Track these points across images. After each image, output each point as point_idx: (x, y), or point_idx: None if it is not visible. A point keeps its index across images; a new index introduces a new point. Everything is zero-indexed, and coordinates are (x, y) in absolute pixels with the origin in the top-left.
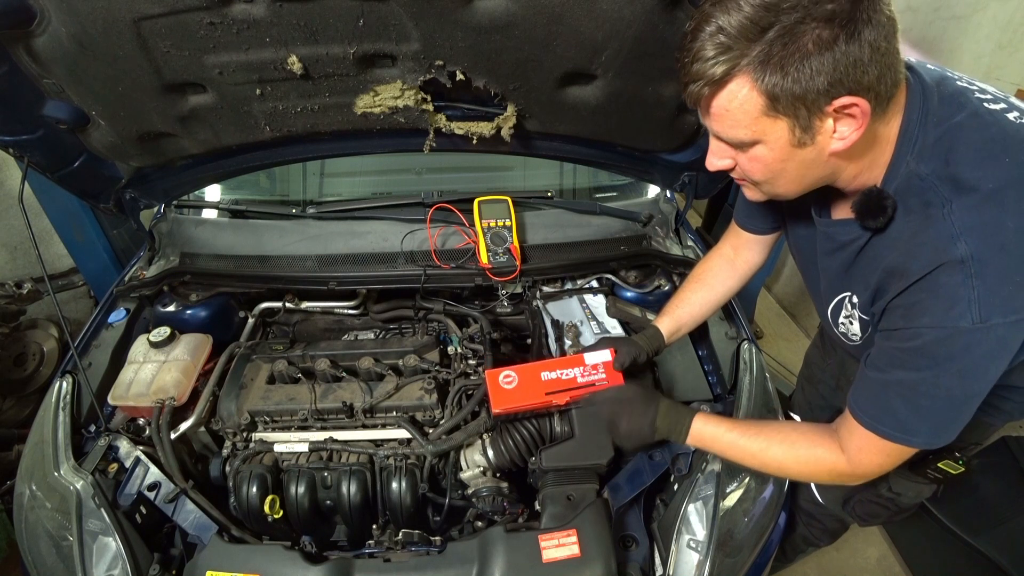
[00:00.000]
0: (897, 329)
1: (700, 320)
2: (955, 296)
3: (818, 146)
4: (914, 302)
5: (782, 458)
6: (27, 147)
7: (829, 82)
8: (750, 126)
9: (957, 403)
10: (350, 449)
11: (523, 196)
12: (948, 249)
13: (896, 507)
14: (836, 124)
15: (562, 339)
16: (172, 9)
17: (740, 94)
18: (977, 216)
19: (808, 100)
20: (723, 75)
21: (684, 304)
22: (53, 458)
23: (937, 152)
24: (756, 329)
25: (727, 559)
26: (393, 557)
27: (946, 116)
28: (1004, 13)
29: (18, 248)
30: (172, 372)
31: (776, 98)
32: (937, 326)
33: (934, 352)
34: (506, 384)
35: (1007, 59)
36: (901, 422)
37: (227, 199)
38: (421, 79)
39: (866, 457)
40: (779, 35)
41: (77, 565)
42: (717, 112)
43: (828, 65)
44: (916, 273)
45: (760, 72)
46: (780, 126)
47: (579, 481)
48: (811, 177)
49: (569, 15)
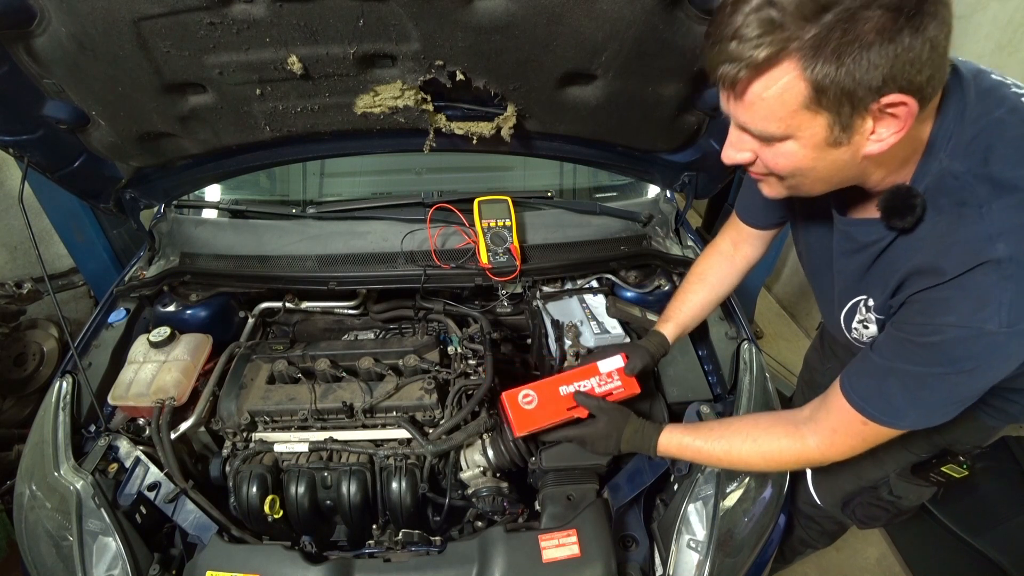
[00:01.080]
0: (915, 323)
1: (701, 319)
2: (986, 297)
3: (853, 146)
4: (940, 298)
5: (747, 455)
6: (27, 147)
7: (884, 78)
8: (785, 119)
9: (960, 398)
10: (350, 449)
11: (523, 196)
12: (986, 249)
13: (897, 509)
14: (876, 124)
15: (562, 339)
16: (172, 9)
17: (783, 82)
18: (1017, 216)
19: (857, 96)
20: (767, 59)
21: (686, 305)
22: (53, 458)
23: (974, 150)
24: (756, 329)
25: (727, 559)
26: (393, 557)
27: (984, 112)
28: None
29: (18, 248)
30: (172, 372)
31: (823, 90)
32: (962, 325)
33: (952, 351)
34: (526, 404)
35: (1007, 59)
36: (894, 407)
37: (227, 199)
38: (421, 79)
39: (841, 438)
40: (839, 18)
41: (77, 565)
42: (751, 100)
43: (888, 59)
44: (949, 272)
45: (811, 59)
46: (818, 122)
47: (579, 481)
48: (839, 178)
49: (569, 15)
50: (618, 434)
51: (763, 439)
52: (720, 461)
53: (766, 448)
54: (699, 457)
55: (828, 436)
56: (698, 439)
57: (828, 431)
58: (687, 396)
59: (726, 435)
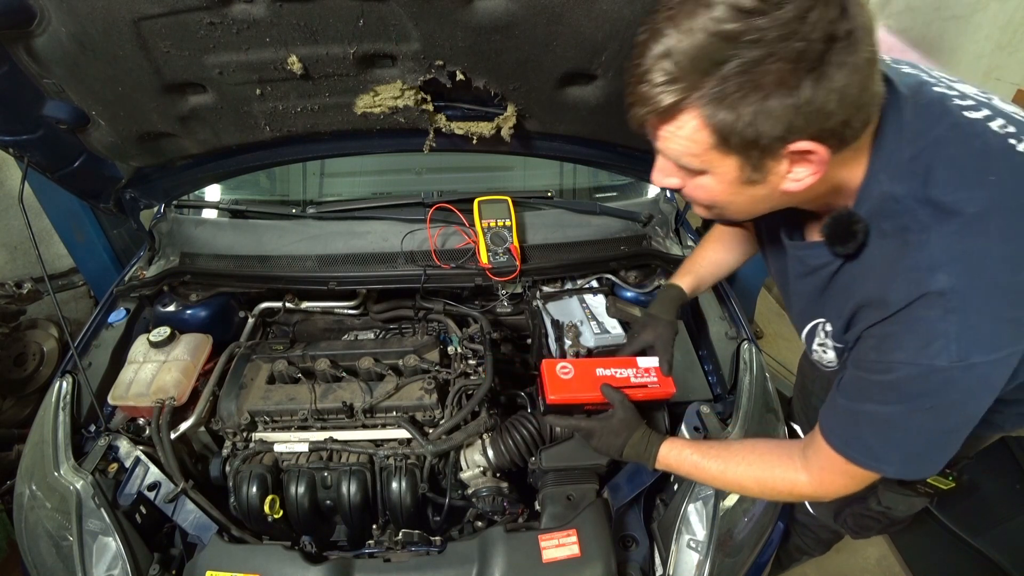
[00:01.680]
0: (869, 360)
1: (717, 280)
2: (932, 332)
3: (769, 185)
4: (888, 334)
5: (741, 478)
6: (27, 147)
7: (787, 128)
8: (698, 156)
9: (933, 437)
10: (350, 449)
11: (523, 196)
12: (926, 280)
13: (888, 520)
14: (792, 166)
15: (562, 339)
16: (172, 9)
17: (688, 128)
18: (958, 244)
19: (762, 143)
20: (671, 106)
21: (704, 262)
22: (53, 458)
23: (913, 171)
24: (756, 329)
25: (727, 559)
26: (393, 557)
27: (923, 130)
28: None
29: (18, 248)
30: (172, 372)
31: (727, 138)
32: (912, 363)
33: (907, 389)
34: (563, 375)
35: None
36: (871, 450)
37: (227, 199)
38: (421, 79)
39: (829, 477)
40: (737, 72)
41: (77, 565)
42: (664, 137)
43: (788, 109)
44: (894, 305)
45: (712, 109)
46: (730, 163)
47: (579, 481)
48: (762, 208)
49: (569, 15)
50: (626, 436)
51: (758, 465)
52: (714, 480)
53: (760, 474)
54: (695, 472)
55: (817, 474)
56: (696, 453)
57: (817, 470)
58: (687, 396)
59: (723, 455)
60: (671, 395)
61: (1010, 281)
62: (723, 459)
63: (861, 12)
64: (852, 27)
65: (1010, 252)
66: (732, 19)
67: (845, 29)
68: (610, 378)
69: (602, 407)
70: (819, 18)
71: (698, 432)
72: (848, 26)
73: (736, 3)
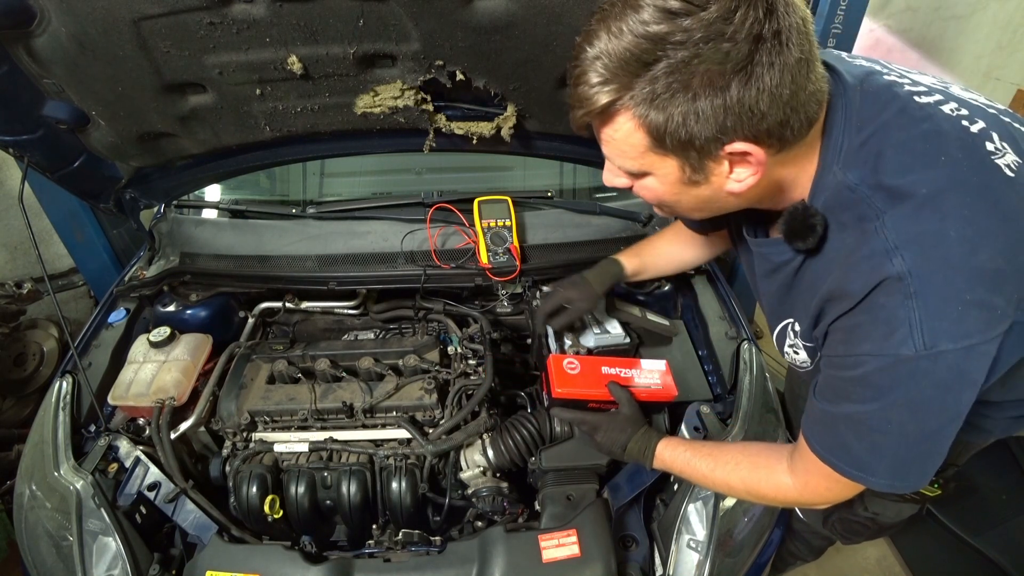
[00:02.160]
0: (838, 356)
1: (662, 273)
2: (894, 319)
3: (713, 185)
4: (854, 325)
5: (728, 479)
6: (27, 147)
7: (719, 129)
8: (638, 159)
9: (914, 440)
10: (350, 449)
11: (523, 196)
12: (884, 265)
13: (877, 526)
14: (732, 166)
15: (562, 339)
16: (172, 9)
17: (624, 129)
18: (913, 226)
19: (697, 144)
20: (606, 107)
21: (654, 252)
22: (53, 458)
23: (864, 157)
24: (756, 329)
25: (727, 559)
26: (393, 557)
27: (871, 116)
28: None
29: (18, 248)
30: (172, 372)
31: (661, 139)
32: (878, 354)
33: (877, 382)
34: (570, 370)
35: (1007, 59)
36: (856, 458)
37: (227, 199)
38: (421, 79)
39: (814, 482)
40: (665, 73)
41: (77, 565)
42: (604, 139)
43: (718, 111)
44: (856, 295)
45: (643, 109)
46: (669, 163)
47: (579, 481)
48: (713, 209)
49: (569, 15)
50: (630, 433)
51: (746, 467)
52: (704, 479)
53: (747, 476)
54: (686, 471)
55: (802, 479)
56: (688, 451)
57: (802, 474)
58: (687, 396)
59: (714, 455)
60: (673, 397)
61: (969, 262)
62: (714, 458)
63: (791, 12)
64: (779, 27)
65: (968, 233)
66: (659, 21)
67: (772, 29)
68: (615, 377)
69: (606, 405)
70: (744, 18)
71: (698, 432)
72: (775, 26)
73: (663, 5)
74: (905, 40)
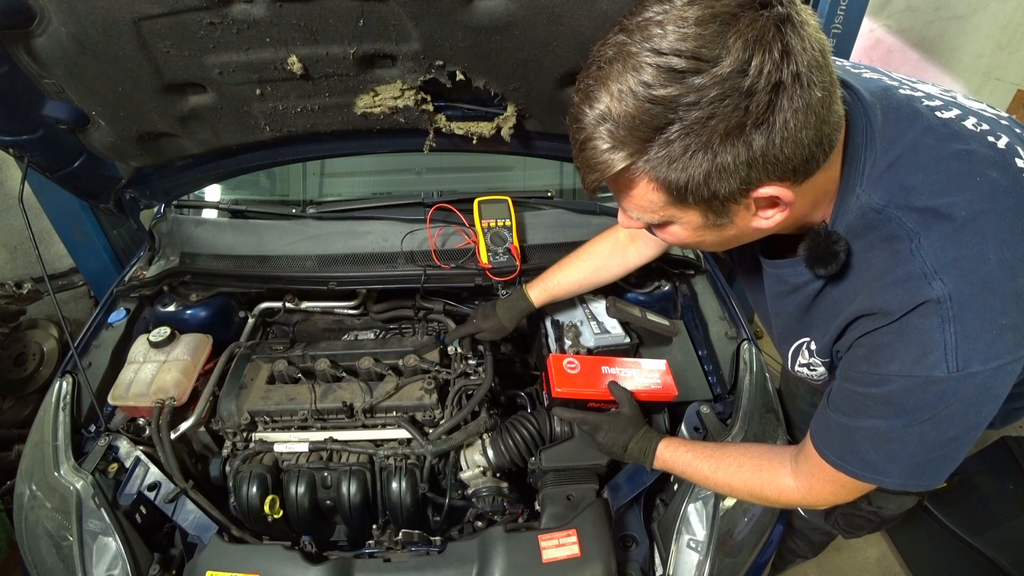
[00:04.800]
0: (861, 372)
1: (571, 295)
2: (929, 342)
3: (738, 224)
4: (882, 344)
5: (730, 480)
6: (27, 147)
7: (743, 181)
8: (658, 212)
9: (933, 447)
10: (350, 449)
11: (523, 196)
12: (923, 289)
13: (879, 519)
14: (758, 209)
15: (562, 339)
16: (172, 9)
17: (641, 190)
18: (952, 249)
19: (720, 195)
20: (621, 172)
21: (562, 277)
22: (53, 458)
23: (892, 179)
24: (756, 329)
25: (727, 559)
26: (393, 557)
27: (896, 136)
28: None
29: (18, 248)
30: (172, 372)
31: (683, 195)
32: (907, 375)
33: (903, 401)
34: (570, 369)
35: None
36: (871, 464)
37: (227, 199)
38: (421, 79)
39: (819, 485)
40: (681, 135)
41: (77, 565)
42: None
43: (741, 165)
44: (892, 314)
45: (662, 172)
46: (692, 213)
47: (579, 481)
48: (735, 243)
49: (569, 15)
50: (631, 433)
51: (748, 468)
52: (705, 480)
53: (749, 478)
54: (688, 471)
55: (806, 482)
56: (690, 452)
57: (806, 477)
58: (687, 396)
59: (716, 456)
60: (673, 397)
61: (1008, 286)
62: (715, 460)
63: (807, 47)
64: (798, 70)
65: (1008, 256)
66: (664, 83)
67: (792, 73)
68: (615, 377)
69: (606, 405)
70: (760, 67)
71: (698, 432)
72: (794, 69)
73: (666, 64)
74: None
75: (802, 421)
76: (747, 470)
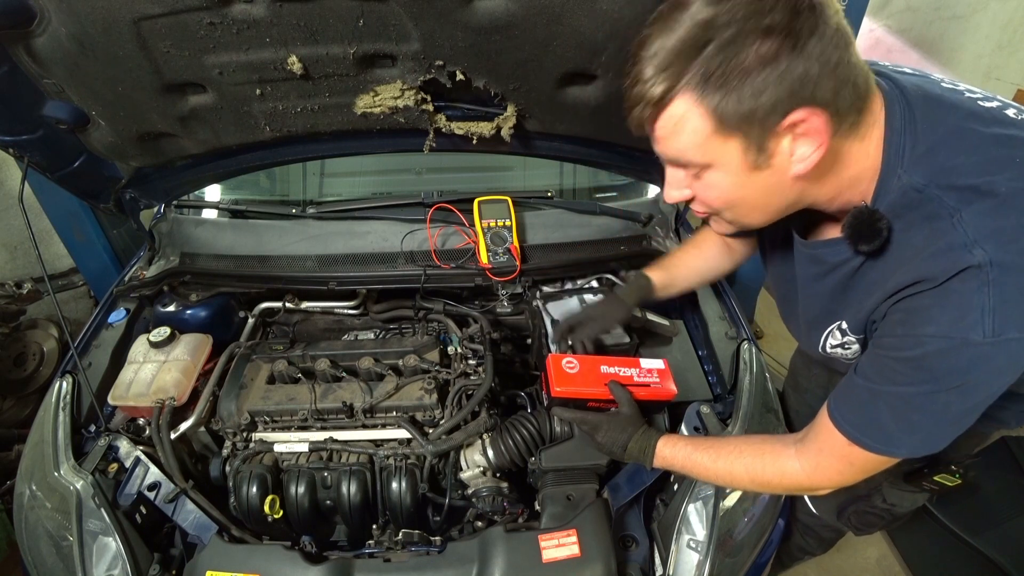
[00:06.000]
0: (895, 336)
1: (689, 287)
2: (968, 304)
3: (777, 169)
4: (919, 307)
5: (731, 468)
6: (27, 147)
7: (777, 98)
8: (700, 147)
9: (953, 417)
10: (350, 449)
11: (523, 196)
12: (964, 256)
13: (891, 516)
14: (794, 145)
15: None
16: (172, 9)
17: (683, 113)
18: (993, 221)
19: (757, 117)
20: (663, 94)
21: (680, 265)
22: (53, 458)
23: (933, 160)
24: (756, 329)
25: (727, 559)
26: (393, 557)
27: (938, 120)
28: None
29: (18, 248)
30: (172, 372)
31: (722, 117)
32: (944, 335)
33: (935, 365)
34: (568, 369)
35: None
36: (887, 435)
37: (227, 199)
38: (421, 79)
39: (827, 462)
40: (717, 51)
41: (77, 565)
42: (663, 135)
43: (773, 80)
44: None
45: (701, 90)
46: (732, 147)
47: (579, 481)
48: (777, 204)
49: (569, 15)
50: (631, 433)
51: (750, 455)
52: (706, 471)
53: (750, 463)
54: (688, 466)
55: (813, 460)
56: (689, 446)
57: (814, 454)
58: (687, 396)
59: (715, 447)
60: (673, 396)
61: None
62: (714, 450)
63: None
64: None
65: None
66: (705, 8)
67: (807, 3)
68: (614, 376)
69: (605, 404)
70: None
71: (698, 432)
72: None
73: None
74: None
75: (808, 417)
76: (748, 455)
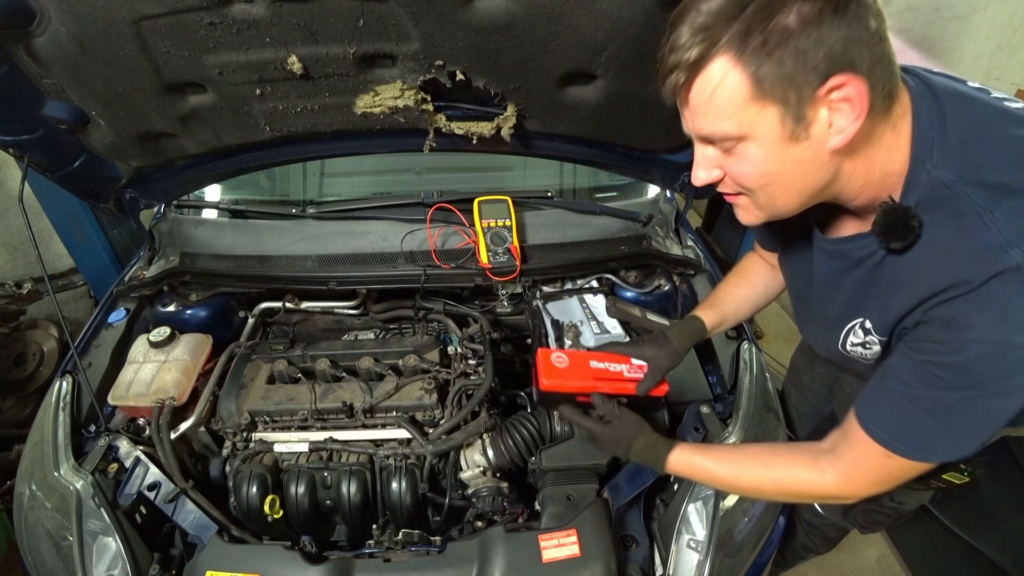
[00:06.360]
0: (934, 342)
1: (742, 318)
2: (1010, 307)
3: (814, 141)
4: (958, 313)
5: (760, 481)
6: (27, 147)
7: (817, 60)
8: (735, 115)
9: (992, 420)
10: (350, 449)
11: (523, 196)
12: (1001, 258)
13: (898, 514)
14: (832, 115)
15: (562, 339)
16: (172, 9)
17: (721, 77)
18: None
19: (797, 81)
20: (699, 57)
21: (729, 300)
22: (53, 458)
23: (963, 156)
24: (756, 329)
25: (727, 559)
26: (393, 557)
27: (967, 116)
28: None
29: (18, 248)
30: (172, 372)
31: (760, 80)
32: (987, 340)
33: (978, 371)
34: (558, 363)
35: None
36: (925, 440)
37: (227, 199)
38: (421, 79)
39: (862, 474)
40: (758, 10)
41: (77, 565)
42: (697, 103)
43: (814, 42)
44: (963, 287)
45: (740, 51)
46: (769, 115)
47: (579, 481)
48: (811, 184)
49: (569, 15)
50: (628, 442)
51: (777, 466)
52: (729, 484)
53: (780, 476)
54: (708, 479)
55: (848, 471)
56: (708, 459)
57: (848, 465)
58: (687, 396)
59: (737, 458)
60: (664, 393)
61: None
62: (737, 463)
63: None
64: None
65: None
66: None
67: None
68: (603, 371)
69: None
70: None
71: (698, 432)
72: None
73: None
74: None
75: (809, 416)
76: (777, 469)
